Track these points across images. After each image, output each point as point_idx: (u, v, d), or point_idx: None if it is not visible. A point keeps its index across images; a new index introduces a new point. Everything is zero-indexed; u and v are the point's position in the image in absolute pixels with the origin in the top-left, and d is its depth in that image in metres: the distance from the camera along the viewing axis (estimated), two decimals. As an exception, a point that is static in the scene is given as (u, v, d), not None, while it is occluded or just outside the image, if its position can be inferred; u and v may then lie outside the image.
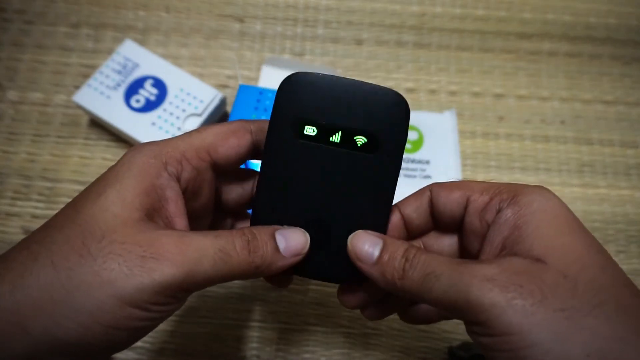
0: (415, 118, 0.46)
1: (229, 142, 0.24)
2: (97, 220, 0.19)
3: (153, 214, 0.21)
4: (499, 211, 0.22)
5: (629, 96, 0.50)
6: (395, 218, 0.26)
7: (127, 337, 0.20)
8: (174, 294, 0.19)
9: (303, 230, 0.23)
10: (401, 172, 0.25)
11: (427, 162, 0.44)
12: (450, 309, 0.20)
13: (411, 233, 0.27)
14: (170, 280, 0.19)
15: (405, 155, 0.44)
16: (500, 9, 0.54)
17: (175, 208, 0.22)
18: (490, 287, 0.19)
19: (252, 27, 0.51)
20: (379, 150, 0.24)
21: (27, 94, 0.47)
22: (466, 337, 0.38)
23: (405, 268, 0.21)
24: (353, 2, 0.53)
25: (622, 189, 0.46)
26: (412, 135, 0.45)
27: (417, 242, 0.27)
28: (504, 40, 0.52)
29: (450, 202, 0.24)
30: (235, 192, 0.28)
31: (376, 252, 0.22)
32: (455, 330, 0.39)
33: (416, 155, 0.44)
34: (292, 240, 0.23)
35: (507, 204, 0.22)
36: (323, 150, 0.24)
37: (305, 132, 0.24)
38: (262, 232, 0.22)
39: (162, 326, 0.38)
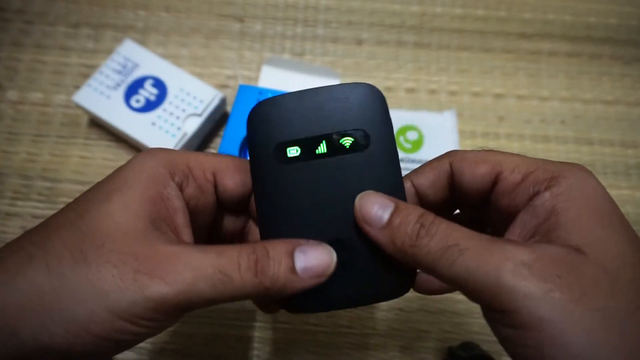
0: (415, 118, 0.46)
1: (235, 177, 0.23)
2: (99, 227, 0.19)
3: (160, 223, 0.20)
4: (534, 195, 0.20)
5: (629, 96, 0.50)
6: (408, 193, 0.23)
7: (114, 347, 0.19)
8: (169, 311, 0.19)
9: (329, 246, 0.21)
10: (401, 172, 0.23)
11: (427, 162, 0.44)
12: (471, 290, 0.18)
13: (425, 207, 0.24)
14: (162, 298, 0.18)
15: (405, 155, 0.44)
16: (500, 9, 0.54)
17: (183, 219, 0.21)
18: (526, 275, 0.17)
19: (252, 27, 0.51)
20: (370, 143, 0.22)
21: (27, 94, 0.46)
22: (466, 337, 0.38)
23: (420, 235, 0.19)
24: (353, 2, 0.53)
25: (622, 188, 0.46)
26: (412, 135, 0.45)
27: None
28: (504, 40, 0.52)
29: (476, 180, 0.21)
30: (231, 223, 0.27)
31: (386, 216, 0.20)
32: (455, 330, 0.39)
33: (416, 155, 0.44)
34: (314, 259, 0.20)
35: (545, 186, 0.20)
36: (313, 166, 0.22)
37: (289, 155, 0.22)
38: (277, 248, 0.20)
39: (162, 326, 0.38)
